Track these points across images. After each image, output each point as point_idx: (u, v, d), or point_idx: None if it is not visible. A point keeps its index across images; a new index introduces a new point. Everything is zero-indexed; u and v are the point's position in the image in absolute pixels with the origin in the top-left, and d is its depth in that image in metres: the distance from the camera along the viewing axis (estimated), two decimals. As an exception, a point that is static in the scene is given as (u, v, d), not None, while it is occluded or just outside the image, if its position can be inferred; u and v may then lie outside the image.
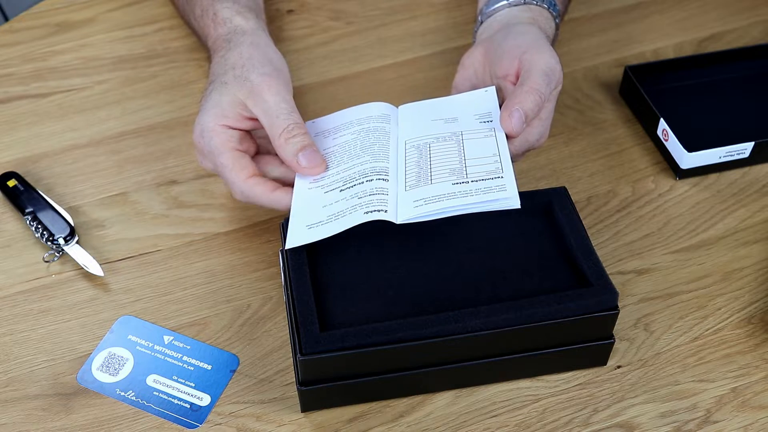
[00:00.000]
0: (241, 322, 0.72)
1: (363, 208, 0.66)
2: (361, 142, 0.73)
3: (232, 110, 0.72)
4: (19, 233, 0.78)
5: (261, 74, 0.73)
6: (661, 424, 0.66)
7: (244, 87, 0.72)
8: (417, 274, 0.67)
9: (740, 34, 0.97)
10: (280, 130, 0.70)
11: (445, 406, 0.67)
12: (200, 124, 0.73)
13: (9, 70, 0.93)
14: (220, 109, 0.72)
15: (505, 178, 0.66)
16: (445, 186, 0.67)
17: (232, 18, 0.80)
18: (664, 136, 0.83)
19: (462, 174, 0.68)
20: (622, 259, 0.76)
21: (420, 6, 1.01)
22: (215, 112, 0.72)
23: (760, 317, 0.72)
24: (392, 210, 0.66)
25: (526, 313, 0.63)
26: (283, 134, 0.70)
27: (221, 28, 0.80)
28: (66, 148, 0.85)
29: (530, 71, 0.72)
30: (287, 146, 0.70)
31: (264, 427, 0.66)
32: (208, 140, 0.72)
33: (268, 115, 0.71)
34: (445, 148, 0.71)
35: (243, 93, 0.72)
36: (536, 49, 0.73)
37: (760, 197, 0.81)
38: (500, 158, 0.68)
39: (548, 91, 0.71)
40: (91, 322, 0.72)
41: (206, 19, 0.82)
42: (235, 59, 0.75)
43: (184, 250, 0.77)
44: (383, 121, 0.75)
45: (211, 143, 0.72)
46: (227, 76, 0.74)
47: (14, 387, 0.68)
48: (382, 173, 0.69)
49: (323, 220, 0.67)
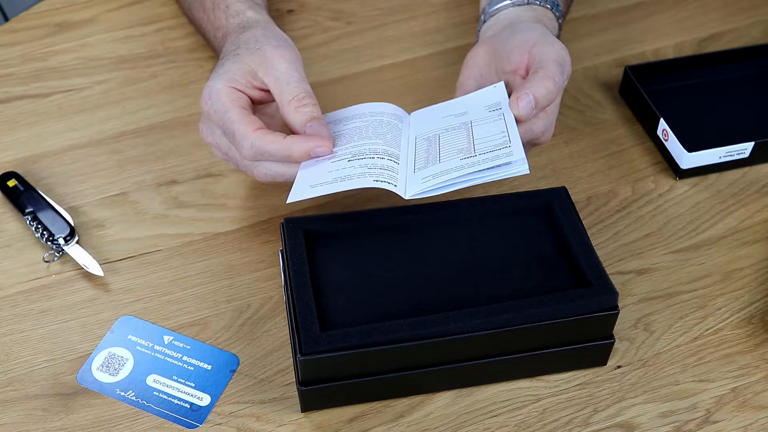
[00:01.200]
0: (241, 322, 0.72)
1: (372, 177, 0.66)
2: (374, 128, 0.73)
3: (243, 77, 0.72)
4: (19, 233, 0.78)
5: (275, 46, 0.73)
6: (661, 424, 0.66)
7: (257, 56, 0.73)
8: (417, 274, 0.67)
9: (740, 34, 0.97)
10: (290, 97, 0.70)
11: (445, 406, 0.67)
12: (209, 87, 0.72)
13: (9, 70, 0.93)
14: (231, 75, 0.72)
15: (512, 147, 0.66)
16: (453, 162, 0.67)
17: (244, 11, 0.81)
18: (664, 136, 0.83)
19: (470, 150, 0.67)
20: (622, 259, 0.76)
21: (420, 6, 1.01)
22: (226, 77, 0.72)
23: (760, 317, 0.72)
24: (401, 186, 0.67)
25: (526, 313, 0.63)
26: (293, 101, 0.70)
27: (233, 19, 0.81)
28: (66, 148, 0.85)
29: (543, 61, 0.72)
30: (296, 114, 0.70)
31: (264, 427, 0.66)
32: (215, 99, 0.71)
33: (278, 82, 0.71)
34: (455, 134, 0.71)
35: (255, 61, 0.72)
36: (546, 42, 0.73)
37: (760, 197, 0.81)
38: (508, 134, 0.68)
39: (562, 80, 0.71)
40: (91, 322, 0.72)
41: (218, 12, 0.83)
42: (248, 37, 0.76)
43: (184, 250, 0.77)
44: (396, 119, 0.75)
45: (218, 101, 0.71)
46: (240, 49, 0.74)
47: (14, 387, 0.68)
48: (393, 157, 0.70)
49: (328, 180, 0.67)
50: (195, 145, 0.85)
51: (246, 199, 0.81)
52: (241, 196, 0.81)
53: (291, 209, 0.79)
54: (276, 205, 0.80)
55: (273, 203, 0.80)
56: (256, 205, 0.80)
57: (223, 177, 0.82)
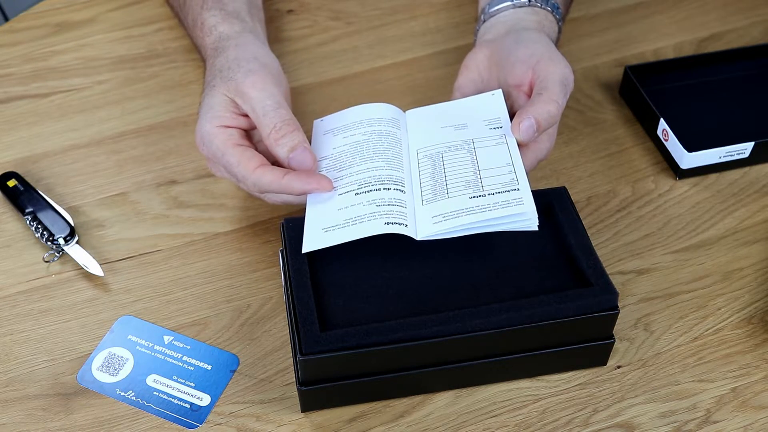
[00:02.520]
0: (241, 322, 0.72)
1: (383, 218, 0.66)
2: (374, 145, 0.72)
3: (225, 110, 0.72)
4: (19, 233, 0.78)
5: (245, 72, 0.73)
6: (661, 424, 0.66)
7: (230, 86, 0.73)
8: (417, 273, 0.67)
9: (740, 34, 0.97)
10: (268, 130, 0.70)
11: (445, 406, 0.67)
12: (199, 131, 0.73)
13: (9, 70, 0.93)
14: (214, 112, 0.72)
15: (521, 190, 0.66)
16: (462, 200, 0.67)
17: (217, 26, 0.80)
18: (664, 136, 0.83)
19: (478, 186, 0.67)
20: (622, 259, 0.76)
21: (420, 6, 1.01)
22: (210, 115, 0.72)
23: (760, 317, 0.72)
24: (411, 224, 0.66)
25: (526, 313, 0.63)
26: (272, 134, 0.70)
27: (208, 38, 0.80)
28: (66, 148, 0.85)
29: (547, 80, 0.72)
30: (277, 148, 0.70)
31: (264, 427, 0.66)
32: (209, 144, 0.72)
33: (255, 113, 0.71)
34: (458, 157, 0.70)
35: (230, 92, 0.73)
36: (550, 59, 0.73)
37: (760, 197, 0.81)
38: (514, 168, 0.68)
39: (564, 102, 0.72)
40: (91, 322, 0.72)
41: (196, 30, 0.83)
42: (222, 63, 0.75)
43: (184, 250, 0.77)
44: (393, 126, 0.74)
45: (212, 146, 0.72)
46: (215, 80, 0.74)
47: (14, 387, 0.68)
48: (399, 183, 0.69)
49: (340, 223, 0.67)
50: (195, 145, 0.85)
51: (246, 199, 0.80)
52: (241, 196, 0.81)
53: (291, 209, 0.79)
54: (276, 205, 0.80)
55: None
56: (256, 205, 0.80)
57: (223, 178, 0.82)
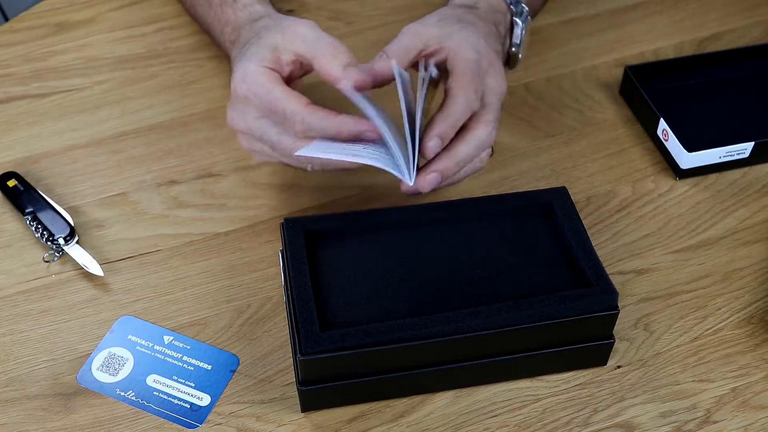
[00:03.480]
0: (241, 322, 0.72)
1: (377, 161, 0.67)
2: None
3: (272, 55, 0.72)
4: (19, 233, 0.78)
5: (291, 21, 0.74)
6: (661, 424, 0.66)
7: (277, 32, 0.72)
8: (417, 273, 0.67)
9: (740, 34, 0.97)
10: (325, 46, 0.70)
11: (445, 406, 0.67)
12: (241, 69, 0.71)
13: (9, 70, 0.93)
14: (261, 55, 0.71)
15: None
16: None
17: (252, 4, 0.81)
18: (664, 136, 0.83)
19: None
20: (622, 259, 0.76)
21: (420, 6, 1.01)
22: (256, 57, 0.71)
23: (760, 317, 0.72)
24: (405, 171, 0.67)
25: (526, 313, 0.63)
26: (329, 49, 0.70)
27: (242, 12, 0.80)
28: (66, 148, 0.85)
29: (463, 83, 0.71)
30: (334, 61, 0.70)
31: (264, 427, 0.66)
32: (253, 81, 0.70)
33: (306, 40, 0.71)
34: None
35: (278, 38, 0.72)
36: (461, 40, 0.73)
37: (760, 197, 0.81)
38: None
39: (475, 98, 0.70)
40: (91, 322, 0.72)
41: (225, 7, 0.83)
42: (262, 25, 0.75)
43: (184, 250, 0.77)
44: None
45: (256, 83, 0.70)
46: (260, 33, 0.74)
47: (14, 387, 0.68)
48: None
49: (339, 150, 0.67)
50: (195, 145, 0.85)
51: (246, 199, 0.81)
52: (241, 196, 0.81)
53: (291, 209, 0.79)
54: (276, 205, 0.80)
55: (273, 203, 0.80)
56: (256, 205, 0.80)
57: (223, 177, 0.82)
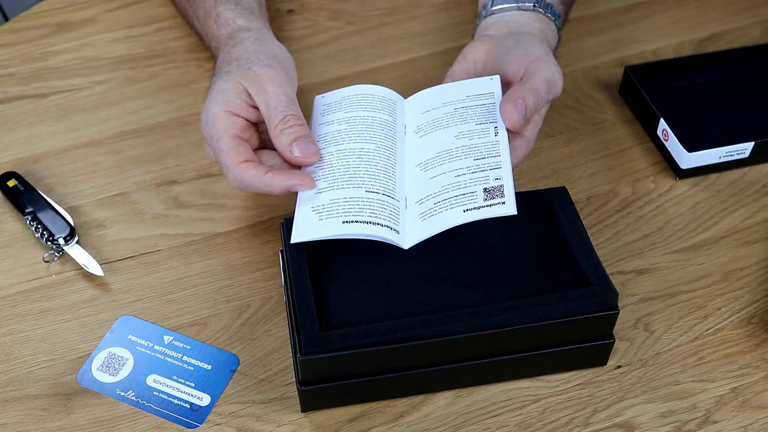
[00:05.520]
0: (241, 322, 0.72)
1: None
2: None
3: (236, 97, 0.73)
4: (19, 233, 0.78)
5: (264, 66, 0.74)
6: (661, 424, 0.66)
7: (247, 76, 0.73)
8: (417, 273, 0.67)
9: (740, 34, 0.97)
10: (276, 121, 0.71)
11: (445, 406, 0.67)
12: (206, 110, 0.73)
13: (9, 70, 0.93)
14: (225, 96, 0.73)
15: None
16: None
17: (234, 19, 0.81)
18: (664, 136, 0.83)
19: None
20: (622, 259, 0.76)
21: (420, 6, 1.01)
22: (220, 98, 0.73)
23: (760, 317, 0.72)
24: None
25: (526, 313, 0.63)
26: (279, 125, 0.71)
27: (224, 29, 0.81)
28: (66, 148, 0.85)
29: (533, 76, 0.72)
30: (282, 137, 0.71)
31: (264, 427, 0.66)
32: (211, 125, 0.72)
33: (267, 105, 0.72)
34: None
35: (246, 81, 0.73)
36: (544, 61, 0.74)
37: (760, 197, 0.81)
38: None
39: (545, 98, 0.72)
40: (91, 322, 0.72)
41: (209, 21, 0.83)
42: (240, 53, 0.76)
43: (184, 250, 0.77)
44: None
45: (213, 128, 0.72)
46: (231, 66, 0.75)
47: (14, 387, 0.68)
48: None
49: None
50: (195, 145, 0.85)
51: (246, 199, 0.81)
52: (241, 196, 0.81)
53: (291, 210, 0.79)
54: (276, 205, 0.80)
55: (273, 203, 0.80)
56: (256, 205, 0.80)
57: (223, 177, 0.82)
